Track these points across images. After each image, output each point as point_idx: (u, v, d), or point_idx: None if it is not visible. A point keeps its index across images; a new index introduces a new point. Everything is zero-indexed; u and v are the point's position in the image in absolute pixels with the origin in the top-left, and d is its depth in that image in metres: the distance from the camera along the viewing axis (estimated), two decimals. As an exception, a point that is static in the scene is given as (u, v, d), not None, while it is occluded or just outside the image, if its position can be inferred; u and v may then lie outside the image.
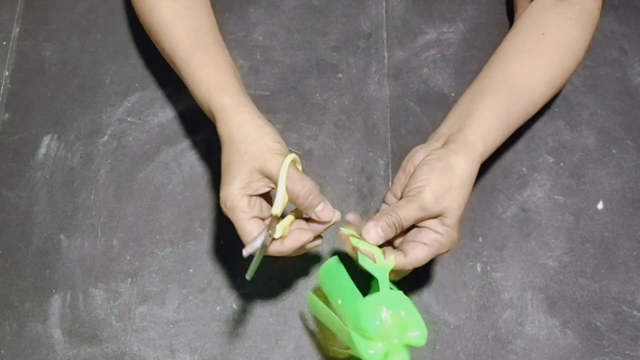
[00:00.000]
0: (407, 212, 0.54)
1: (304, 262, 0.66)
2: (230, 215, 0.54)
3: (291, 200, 0.54)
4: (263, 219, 0.54)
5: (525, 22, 0.66)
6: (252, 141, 0.54)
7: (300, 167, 0.57)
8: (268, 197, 0.56)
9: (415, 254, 0.53)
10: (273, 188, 0.54)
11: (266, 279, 0.65)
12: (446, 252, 0.55)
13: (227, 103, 0.57)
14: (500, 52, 0.65)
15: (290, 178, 0.53)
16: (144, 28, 0.68)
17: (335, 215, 0.55)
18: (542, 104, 0.63)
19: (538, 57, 0.62)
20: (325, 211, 0.54)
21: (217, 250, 0.66)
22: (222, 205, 0.54)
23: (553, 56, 0.63)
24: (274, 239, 0.53)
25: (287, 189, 0.53)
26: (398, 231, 0.54)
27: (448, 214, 0.54)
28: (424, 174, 0.54)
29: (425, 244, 0.54)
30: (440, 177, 0.54)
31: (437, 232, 0.54)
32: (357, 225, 0.56)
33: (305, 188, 0.53)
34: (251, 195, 0.54)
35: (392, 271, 0.53)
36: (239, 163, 0.54)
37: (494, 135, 0.58)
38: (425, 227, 0.55)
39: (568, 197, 0.68)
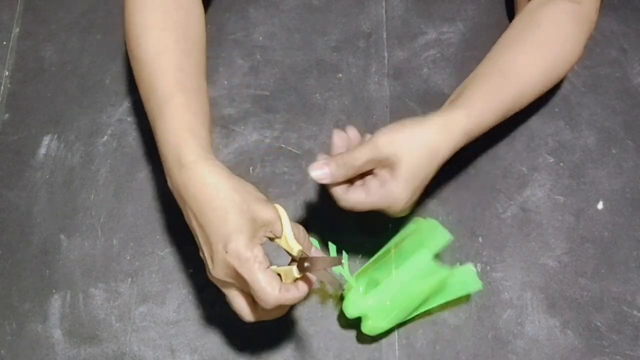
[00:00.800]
0: (359, 150, 0.53)
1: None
2: (242, 269, 0.48)
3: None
4: None
5: (522, 18, 0.66)
6: (245, 192, 0.50)
7: None
8: None
9: (352, 195, 0.54)
10: (270, 238, 0.52)
11: (266, 279, 0.65)
12: (390, 212, 0.54)
13: (203, 154, 0.52)
14: (495, 46, 0.65)
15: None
16: (131, 63, 0.63)
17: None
18: (537, 93, 0.63)
19: (532, 47, 0.62)
20: (316, 252, 0.54)
21: (217, 250, 0.66)
22: (235, 257, 0.48)
23: (548, 46, 0.63)
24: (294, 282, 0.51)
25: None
26: (349, 172, 0.54)
27: (399, 162, 0.52)
28: (392, 124, 0.55)
29: (366, 187, 0.54)
30: (400, 124, 0.54)
31: (383, 180, 0.53)
32: (340, 145, 0.56)
33: (301, 231, 0.53)
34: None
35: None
36: (238, 213, 0.49)
37: (481, 110, 0.57)
38: (376, 174, 0.54)
39: (568, 197, 0.68)
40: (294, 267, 0.50)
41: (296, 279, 0.50)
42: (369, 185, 0.54)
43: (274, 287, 0.48)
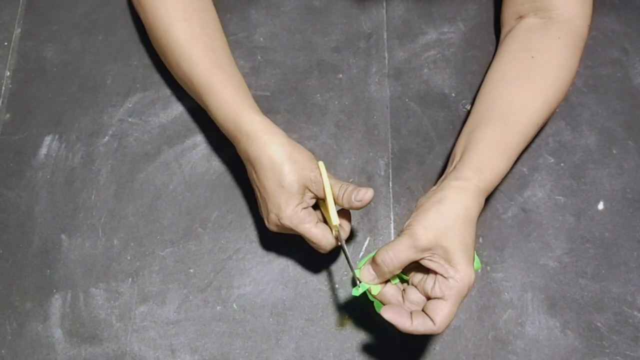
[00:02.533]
0: (398, 246, 0.53)
1: (302, 262, 0.66)
2: (297, 230, 0.58)
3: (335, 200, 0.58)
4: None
5: (513, 47, 0.65)
6: (294, 161, 0.57)
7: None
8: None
9: (439, 315, 0.51)
10: (319, 198, 0.59)
11: (266, 279, 0.65)
12: (467, 293, 0.53)
13: (258, 123, 0.59)
14: (490, 81, 0.65)
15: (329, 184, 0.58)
16: (157, 52, 0.69)
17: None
18: (540, 127, 0.63)
19: (529, 83, 0.62)
20: (367, 193, 0.57)
21: (217, 250, 0.66)
22: (288, 222, 0.57)
23: (545, 79, 0.62)
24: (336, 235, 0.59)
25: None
26: (393, 268, 0.54)
27: (450, 252, 0.52)
28: (415, 212, 0.55)
29: (442, 297, 0.52)
30: (429, 210, 0.54)
31: (447, 277, 0.52)
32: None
33: (349, 187, 0.57)
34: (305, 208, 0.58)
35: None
36: (290, 183, 0.57)
37: (491, 164, 0.57)
38: (437, 277, 0.53)
39: (569, 198, 0.68)
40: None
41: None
42: (437, 292, 0.52)
43: (328, 237, 0.58)
